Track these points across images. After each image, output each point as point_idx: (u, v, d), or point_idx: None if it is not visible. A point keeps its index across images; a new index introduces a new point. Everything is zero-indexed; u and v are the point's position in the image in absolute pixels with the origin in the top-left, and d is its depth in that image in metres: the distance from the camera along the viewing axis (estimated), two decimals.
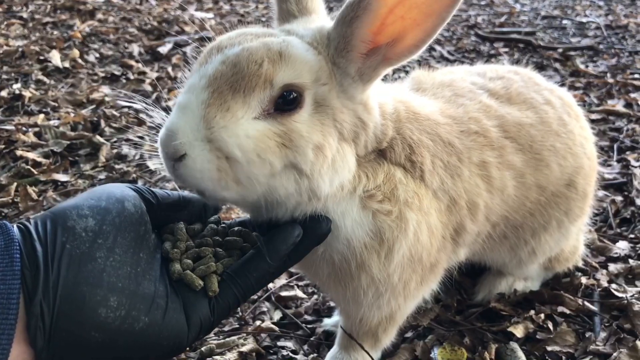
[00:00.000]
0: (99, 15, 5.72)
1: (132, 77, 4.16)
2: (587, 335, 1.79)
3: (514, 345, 1.74)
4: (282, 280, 2.12)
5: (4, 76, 4.10)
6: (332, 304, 2.00)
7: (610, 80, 3.96)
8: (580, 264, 2.09)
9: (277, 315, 1.98)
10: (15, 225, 1.08)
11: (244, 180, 1.14)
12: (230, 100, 1.11)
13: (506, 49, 4.80)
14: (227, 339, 1.81)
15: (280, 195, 1.19)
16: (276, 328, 1.88)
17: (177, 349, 1.14)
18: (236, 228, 1.34)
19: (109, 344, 1.05)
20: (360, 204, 1.30)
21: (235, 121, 1.10)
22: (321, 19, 1.39)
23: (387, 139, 1.33)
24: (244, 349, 1.76)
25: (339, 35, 1.19)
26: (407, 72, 3.68)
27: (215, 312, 1.17)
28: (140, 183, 2.74)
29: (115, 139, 3.17)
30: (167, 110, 1.31)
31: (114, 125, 3.31)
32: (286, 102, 1.14)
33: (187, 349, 1.78)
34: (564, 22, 5.58)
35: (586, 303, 1.91)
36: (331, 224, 1.27)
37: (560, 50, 4.64)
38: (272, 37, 1.21)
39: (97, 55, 4.64)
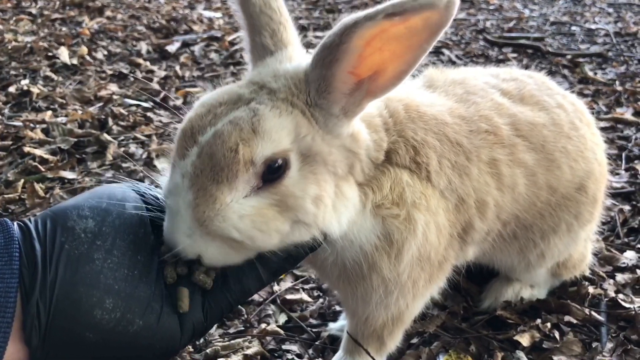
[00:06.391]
0: (108, 13, 5.72)
1: (139, 75, 4.16)
2: (593, 346, 1.79)
3: (520, 354, 1.74)
4: (287, 283, 2.12)
5: (12, 72, 4.11)
6: (337, 308, 2.00)
7: (619, 88, 3.93)
8: (588, 273, 2.08)
9: (282, 319, 1.97)
10: (15, 224, 1.09)
11: (258, 249, 1.18)
12: (215, 192, 1.10)
13: (515, 55, 4.77)
14: (232, 342, 1.81)
15: (299, 242, 1.22)
16: (281, 331, 1.88)
17: (169, 351, 1.16)
18: None
19: (103, 345, 1.07)
20: (371, 215, 1.32)
21: (225, 207, 1.11)
22: (296, 51, 1.33)
23: (383, 151, 1.33)
24: (248, 351, 1.76)
25: (318, 78, 1.16)
26: (413, 76, 3.67)
27: (208, 317, 1.19)
28: (146, 182, 2.73)
29: (122, 138, 3.18)
30: (175, 109, 1.30)
31: (122, 123, 3.32)
32: (272, 172, 1.13)
33: (192, 350, 1.78)
34: (573, 28, 5.55)
35: (593, 313, 1.90)
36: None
37: (569, 56, 4.61)
38: (242, 106, 1.16)
39: (105, 52, 4.64)
